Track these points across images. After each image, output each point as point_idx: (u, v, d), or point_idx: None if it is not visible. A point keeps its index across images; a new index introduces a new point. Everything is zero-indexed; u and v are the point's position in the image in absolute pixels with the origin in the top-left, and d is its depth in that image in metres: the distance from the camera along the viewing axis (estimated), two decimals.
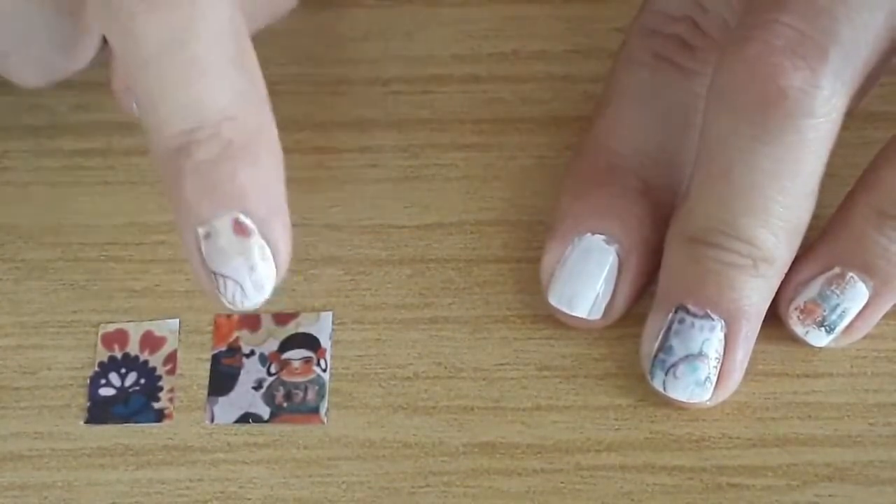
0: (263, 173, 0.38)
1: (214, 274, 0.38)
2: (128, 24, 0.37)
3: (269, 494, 0.41)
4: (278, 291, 0.44)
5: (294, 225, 0.44)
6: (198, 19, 0.37)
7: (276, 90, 0.44)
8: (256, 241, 0.38)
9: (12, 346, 0.44)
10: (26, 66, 0.42)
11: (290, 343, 0.44)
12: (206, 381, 0.43)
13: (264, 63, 0.43)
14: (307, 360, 0.43)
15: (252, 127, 0.38)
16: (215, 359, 0.43)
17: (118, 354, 0.44)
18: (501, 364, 0.43)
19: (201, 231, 0.37)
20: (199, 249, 0.38)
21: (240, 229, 0.37)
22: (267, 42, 0.47)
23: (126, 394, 0.43)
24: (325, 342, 0.44)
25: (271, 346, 0.44)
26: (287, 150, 0.43)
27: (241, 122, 0.37)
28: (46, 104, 0.48)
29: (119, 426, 0.43)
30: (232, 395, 0.43)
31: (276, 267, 0.38)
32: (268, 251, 0.38)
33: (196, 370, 0.43)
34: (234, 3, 0.38)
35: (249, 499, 0.41)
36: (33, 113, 0.46)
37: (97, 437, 0.42)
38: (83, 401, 0.43)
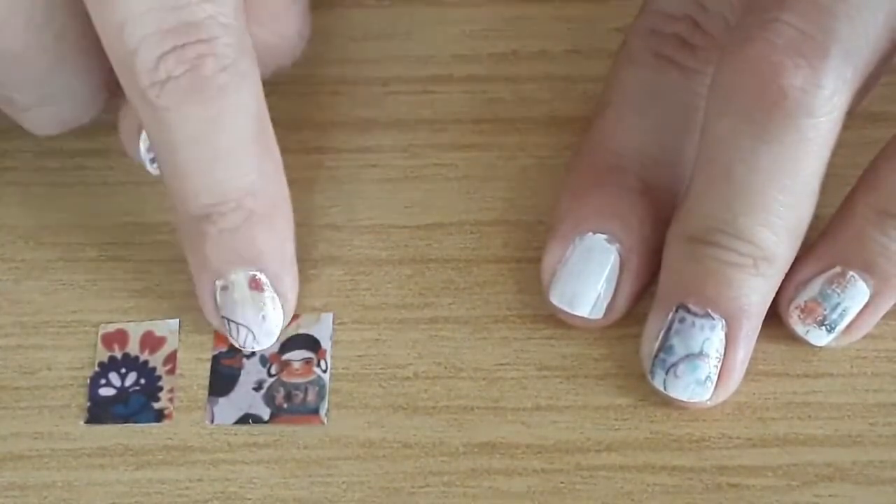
0: (278, 236, 0.42)
1: (227, 320, 0.42)
2: (161, 114, 0.39)
3: (269, 494, 0.41)
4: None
5: (294, 225, 0.44)
6: (226, 112, 0.40)
7: (277, 90, 0.45)
8: (269, 294, 0.42)
9: (12, 346, 0.44)
10: (43, 119, 0.44)
11: (290, 344, 0.44)
12: (206, 382, 0.43)
13: None
14: (307, 361, 0.43)
15: (271, 199, 0.42)
16: (216, 359, 0.43)
17: (118, 354, 0.44)
18: (501, 364, 0.43)
19: (219, 283, 0.42)
20: (214, 299, 0.42)
21: (255, 285, 0.42)
22: None
23: (126, 394, 0.43)
24: (326, 343, 0.44)
25: (272, 347, 0.44)
26: (287, 150, 0.43)
27: (262, 196, 0.41)
28: None
29: (119, 426, 0.43)
30: (232, 395, 0.43)
31: (284, 314, 0.43)
32: (278, 301, 0.42)
33: (196, 370, 0.43)
34: (259, 91, 0.41)
35: (249, 499, 0.41)
36: None
37: (97, 437, 0.42)
38: (83, 401, 0.43)
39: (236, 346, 0.43)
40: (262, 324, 0.42)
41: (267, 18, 0.43)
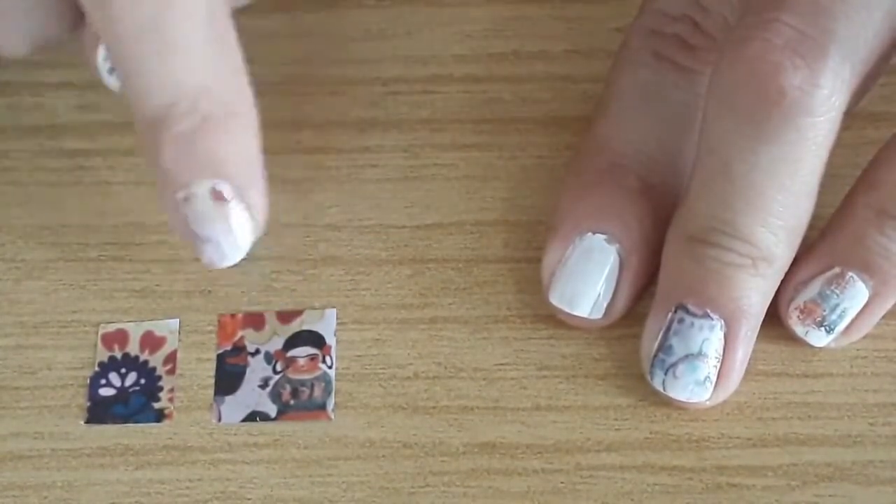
0: (239, 143, 0.40)
1: (194, 234, 0.40)
2: (104, 4, 0.38)
3: (269, 494, 0.41)
4: (278, 291, 0.44)
5: (294, 225, 0.45)
6: (174, 1, 0.38)
7: (277, 90, 0.45)
8: (234, 205, 0.40)
9: (12, 346, 0.44)
10: (12, 34, 0.42)
11: (295, 341, 0.44)
12: (207, 382, 0.43)
13: (264, 63, 0.43)
14: (313, 357, 0.43)
15: (228, 100, 0.39)
16: (220, 358, 0.44)
17: (118, 354, 0.44)
18: (501, 364, 0.43)
19: (180, 195, 0.39)
20: (180, 213, 0.40)
21: (217, 196, 0.39)
22: (268, 42, 0.47)
23: (126, 394, 0.43)
24: (330, 339, 0.44)
25: (276, 344, 0.44)
26: (287, 150, 0.43)
27: (217, 97, 0.39)
28: (46, 104, 0.48)
29: (119, 426, 0.43)
30: (238, 394, 0.43)
31: (254, 226, 0.40)
32: (246, 213, 0.40)
33: (196, 370, 0.43)
34: None
35: (249, 499, 0.41)
36: (33, 113, 0.46)
37: (97, 437, 0.42)
38: (83, 401, 0.43)
39: (204, 262, 0.40)
40: (228, 237, 0.40)
41: None
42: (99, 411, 0.43)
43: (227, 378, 0.43)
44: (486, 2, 0.50)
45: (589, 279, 0.42)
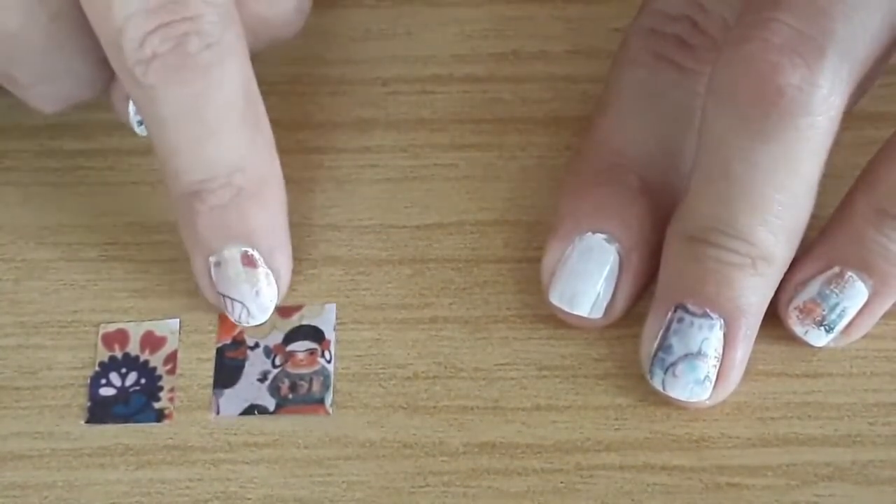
0: (269, 213, 0.43)
1: (223, 296, 0.43)
2: (148, 92, 0.40)
3: (269, 494, 0.41)
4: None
5: (294, 225, 0.45)
6: (212, 88, 0.40)
7: (277, 90, 0.45)
8: (262, 270, 0.43)
9: (12, 346, 0.44)
10: (46, 97, 0.44)
11: (294, 335, 0.44)
12: (207, 382, 0.43)
13: (264, 63, 0.43)
14: (312, 352, 0.43)
15: (260, 175, 0.42)
16: (220, 352, 0.44)
17: (118, 354, 0.44)
18: (501, 364, 0.43)
19: (212, 260, 0.42)
20: (209, 275, 0.43)
21: (248, 261, 0.42)
22: None
23: (126, 394, 0.43)
24: (330, 334, 0.44)
25: (276, 338, 0.44)
26: (287, 150, 0.43)
27: (251, 172, 0.42)
28: None
29: (119, 426, 0.43)
30: (237, 387, 0.43)
31: (279, 289, 0.43)
32: (272, 277, 0.43)
33: (196, 370, 0.43)
34: (247, 68, 0.41)
35: (249, 499, 0.41)
36: (33, 113, 0.46)
37: (97, 437, 0.42)
38: (83, 401, 0.43)
39: (232, 320, 0.43)
40: (256, 299, 0.43)
41: None
42: (99, 411, 0.43)
43: (226, 371, 0.43)
44: (486, 2, 0.50)
45: (589, 279, 0.42)
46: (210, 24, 0.40)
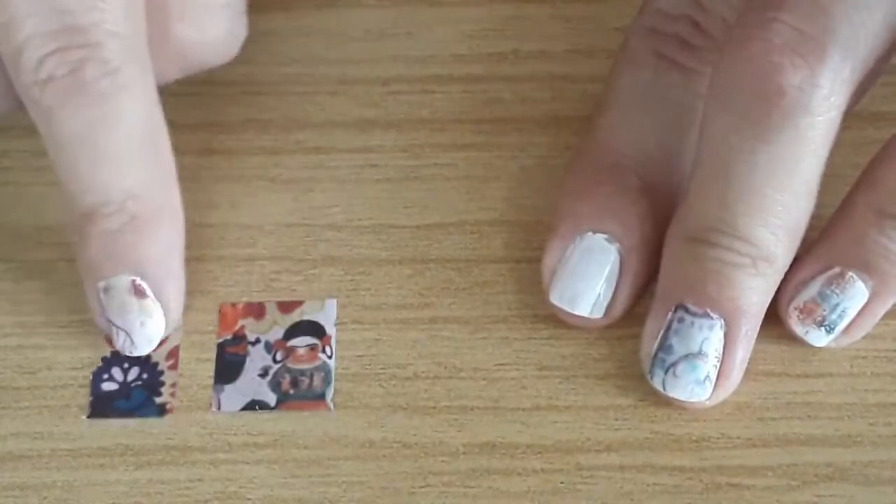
0: (162, 243, 0.42)
1: (109, 322, 0.43)
2: (44, 112, 0.40)
3: (269, 494, 0.41)
4: (279, 291, 0.44)
5: (294, 225, 0.45)
6: (108, 117, 0.40)
7: (276, 90, 0.45)
8: (150, 301, 0.42)
9: (12, 346, 0.44)
10: None
11: (295, 331, 0.44)
12: (207, 382, 0.43)
13: (265, 64, 0.43)
14: (313, 347, 0.43)
15: (155, 204, 0.42)
16: (220, 347, 0.44)
17: None
18: (501, 364, 0.43)
19: (101, 285, 0.42)
20: (99, 301, 0.42)
21: (136, 291, 0.42)
22: (267, 42, 0.47)
23: (128, 388, 0.43)
24: (330, 329, 0.44)
25: (276, 333, 0.44)
26: (287, 151, 0.43)
27: (145, 201, 0.42)
28: None
29: (119, 426, 0.43)
30: (238, 382, 0.43)
31: (167, 323, 0.43)
32: (160, 310, 0.43)
33: (196, 370, 0.43)
34: (151, 99, 0.41)
35: (249, 499, 0.41)
36: None
37: (97, 437, 0.42)
38: (83, 401, 0.43)
39: (117, 349, 0.43)
40: (141, 329, 0.43)
41: (190, 16, 0.43)
42: (101, 406, 0.43)
43: (227, 367, 0.43)
44: (486, 2, 0.50)
45: (589, 279, 0.42)
46: (110, 53, 0.40)
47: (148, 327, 0.43)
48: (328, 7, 0.49)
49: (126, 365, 0.43)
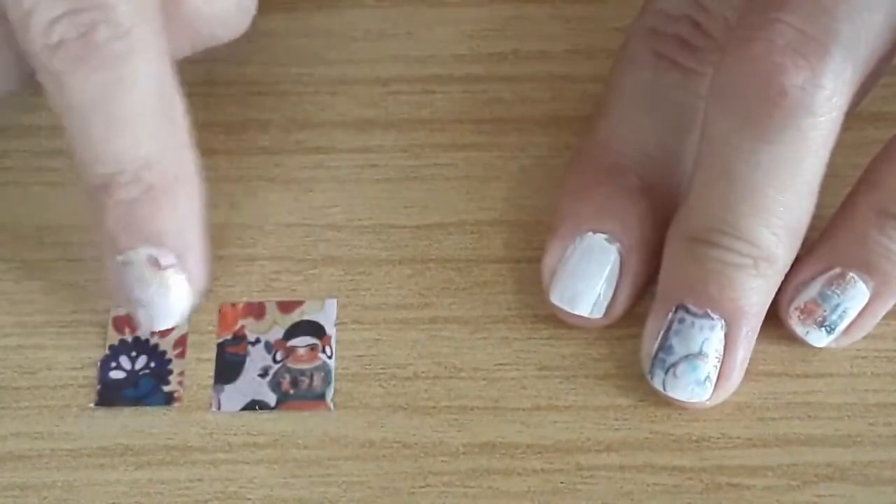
0: (180, 213, 0.41)
1: (130, 298, 0.42)
2: (55, 78, 0.39)
3: (269, 494, 0.41)
4: (278, 291, 0.44)
5: (294, 225, 0.45)
6: (121, 80, 0.39)
7: (277, 90, 0.45)
8: (170, 274, 0.41)
9: (12, 346, 0.44)
10: None
11: (295, 331, 0.44)
12: (207, 382, 0.43)
13: (264, 63, 0.43)
14: (313, 347, 0.43)
15: (172, 173, 0.41)
16: (220, 347, 0.44)
17: (128, 338, 0.44)
18: (501, 364, 0.43)
19: (119, 259, 0.41)
20: (119, 274, 0.41)
21: (154, 262, 0.41)
22: (267, 42, 0.47)
23: (136, 377, 0.43)
24: (331, 329, 0.44)
25: (276, 333, 0.44)
26: (287, 151, 0.43)
27: (162, 169, 0.41)
28: (46, 104, 0.48)
29: (120, 426, 0.43)
30: (238, 382, 0.43)
31: (190, 295, 0.42)
32: (182, 281, 0.41)
33: (196, 370, 0.43)
34: (163, 63, 0.40)
35: (249, 499, 0.41)
36: (33, 113, 0.46)
37: (97, 437, 0.42)
38: (83, 401, 0.43)
39: (137, 325, 0.43)
40: (162, 303, 0.42)
41: None
42: (109, 394, 0.43)
43: (227, 367, 0.43)
44: (486, 2, 0.50)
45: (590, 279, 0.42)
46: (122, 15, 0.39)
47: (170, 301, 0.42)
48: (328, 7, 0.49)
49: (134, 353, 0.44)
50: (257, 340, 0.44)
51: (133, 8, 0.40)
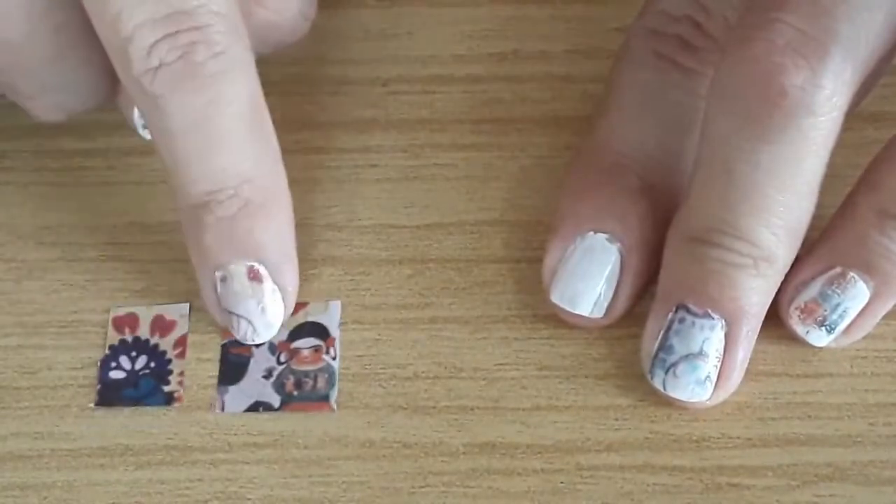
0: (276, 227, 0.42)
1: (229, 312, 0.42)
2: (155, 101, 0.40)
3: (269, 494, 0.41)
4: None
5: (294, 225, 0.44)
6: (220, 98, 0.40)
7: (277, 90, 0.44)
8: (268, 286, 0.42)
9: (12, 346, 0.44)
10: (48, 107, 0.44)
11: (299, 332, 0.44)
12: (207, 382, 0.43)
13: (265, 63, 0.43)
14: (317, 349, 0.44)
15: (268, 187, 0.42)
16: (224, 348, 0.44)
17: (129, 338, 0.44)
18: (501, 364, 0.43)
19: (218, 275, 0.42)
20: (215, 290, 0.42)
21: (254, 276, 0.42)
22: None
23: (136, 377, 0.43)
24: (334, 331, 0.44)
25: (280, 335, 0.44)
26: (287, 151, 0.43)
27: (258, 184, 0.42)
28: None
29: (120, 426, 0.43)
30: (242, 383, 0.43)
31: (285, 306, 0.43)
32: (278, 294, 0.42)
33: (196, 370, 0.43)
34: (254, 79, 0.41)
35: (249, 499, 0.41)
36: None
37: (97, 437, 0.42)
38: (83, 401, 0.43)
39: (238, 338, 0.43)
40: (262, 316, 0.42)
41: None
42: (109, 394, 0.43)
43: (231, 368, 0.43)
44: (486, 2, 0.50)
45: (590, 278, 0.42)
46: (218, 34, 0.40)
47: (269, 313, 0.42)
48: (328, 7, 0.49)
49: (134, 353, 0.44)
50: (261, 343, 0.44)
51: (227, 27, 0.40)
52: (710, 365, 0.41)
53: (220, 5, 0.40)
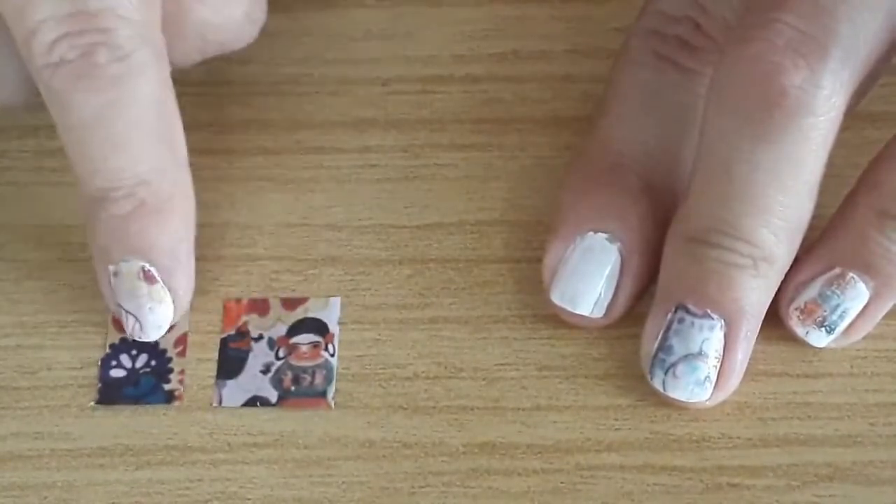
0: (171, 230, 0.42)
1: (119, 306, 0.43)
2: (56, 96, 0.40)
3: (269, 494, 0.41)
4: (279, 291, 0.44)
5: (294, 225, 0.44)
6: (119, 102, 0.40)
7: (277, 90, 0.45)
8: (159, 287, 0.42)
9: (12, 346, 0.44)
10: None
11: (298, 328, 0.44)
12: (207, 382, 0.43)
13: (265, 63, 0.43)
14: (315, 345, 0.44)
15: (166, 192, 0.42)
16: (224, 342, 0.44)
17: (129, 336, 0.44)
18: (501, 364, 0.43)
19: (111, 269, 0.42)
20: (108, 284, 0.42)
21: (145, 276, 0.42)
22: (267, 42, 0.47)
23: (136, 375, 0.43)
24: (333, 327, 0.44)
25: (280, 330, 0.44)
26: (287, 151, 0.43)
27: (156, 188, 0.42)
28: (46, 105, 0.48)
29: (120, 425, 0.43)
30: (240, 378, 0.43)
31: (175, 310, 0.43)
32: (168, 296, 0.42)
33: (196, 370, 0.43)
34: (162, 84, 0.41)
35: (249, 499, 0.41)
36: (33, 113, 0.46)
37: (97, 437, 0.42)
38: (83, 401, 0.43)
39: (126, 334, 0.43)
40: (150, 315, 0.43)
41: None
42: (110, 392, 0.43)
43: (230, 362, 0.43)
44: (486, 2, 0.50)
45: (590, 278, 0.42)
46: (122, 39, 0.40)
47: (157, 313, 0.43)
48: (328, 7, 0.49)
49: (134, 352, 0.44)
50: (260, 336, 0.44)
51: (134, 31, 0.40)
52: (709, 365, 0.41)
53: (128, 9, 0.40)
